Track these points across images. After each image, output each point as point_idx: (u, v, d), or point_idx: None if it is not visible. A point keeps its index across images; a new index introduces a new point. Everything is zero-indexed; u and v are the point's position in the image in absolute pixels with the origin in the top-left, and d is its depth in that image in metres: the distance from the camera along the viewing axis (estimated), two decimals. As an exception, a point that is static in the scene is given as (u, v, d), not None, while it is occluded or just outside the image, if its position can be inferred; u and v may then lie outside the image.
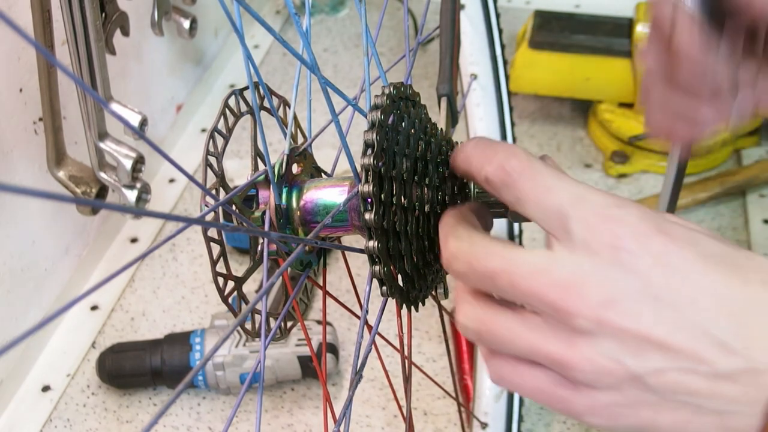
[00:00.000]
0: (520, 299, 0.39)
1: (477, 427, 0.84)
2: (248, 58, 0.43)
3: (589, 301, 0.36)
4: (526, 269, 0.38)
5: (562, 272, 0.37)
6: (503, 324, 0.39)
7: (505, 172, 0.40)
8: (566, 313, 0.37)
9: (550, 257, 0.38)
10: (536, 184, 0.39)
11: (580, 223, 0.37)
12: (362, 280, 1.01)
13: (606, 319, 0.36)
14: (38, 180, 0.94)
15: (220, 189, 0.48)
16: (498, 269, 0.38)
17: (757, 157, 1.21)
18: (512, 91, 1.25)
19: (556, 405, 0.39)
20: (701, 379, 0.37)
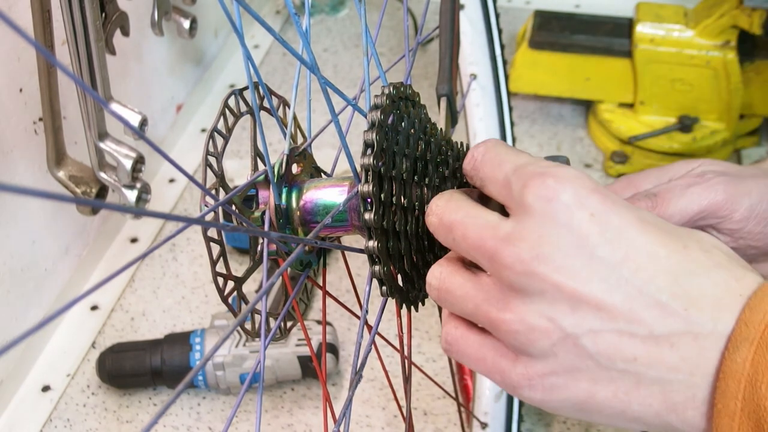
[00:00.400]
0: (470, 252, 0.39)
1: (477, 427, 0.84)
2: (248, 58, 0.43)
3: (521, 253, 0.36)
4: (479, 223, 0.39)
5: (507, 227, 0.38)
6: (459, 283, 0.40)
7: (473, 159, 0.42)
8: (500, 265, 0.37)
9: (502, 218, 0.39)
10: (492, 162, 0.41)
11: (519, 184, 0.38)
12: (362, 280, 1.01)
13: (537, 272, 0.36)
14: (38, 180, 0.94)
15: (220, 189, 0.48)
16: (457, 221, 0.40)
17: (757, 157, 1.21)
18: (512, 91, 1.25)
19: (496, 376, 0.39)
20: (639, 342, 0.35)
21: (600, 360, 0.36)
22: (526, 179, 0.38)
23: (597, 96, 1.24)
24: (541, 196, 0.37)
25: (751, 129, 1.22)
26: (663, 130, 1.19)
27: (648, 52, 1.17)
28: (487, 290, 0.39)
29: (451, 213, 0.40)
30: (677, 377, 0.35)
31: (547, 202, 0.37)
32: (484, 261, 0.38)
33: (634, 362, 0.36)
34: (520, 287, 0.37)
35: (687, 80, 1.17)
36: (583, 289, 0.36)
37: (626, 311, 0.35)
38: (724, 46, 1.14)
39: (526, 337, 0.37)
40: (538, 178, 0.37)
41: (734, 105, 1.16)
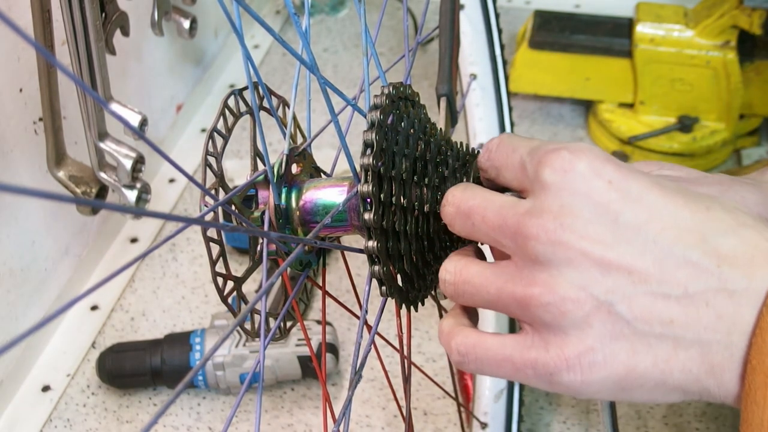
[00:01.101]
0: (490, 234, 0.39)
1: (477, 427, 0.84)
2: (247, 59, 0.43)
3: (545, 223, 0.36)
4: (497, 204, 0.39)
5: (526, 204, 0.38)
6: (477, 271, 0.40)
7: (488, 150, 0.42)
8: (524, 237, 0.37)
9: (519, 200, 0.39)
10: (505, 150, 0.41)
11: (534, 163, 0.38)
12: (362, 280, 1.01)
13: (563, 241, 0.36)
14: (38, 180, 0.94)
15: (220, 189, 0.48)
16: (475, 205, 0.40)
17: (757, 157, 1.21)
18: (512, 91, 1.25)
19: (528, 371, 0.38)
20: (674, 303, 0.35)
21: (637, 326, 0.35)
22: (540, 157, 0.38)
23: (597, 96, 1.24)
24: (557, 168, 0.37)
25: (751, 129, 1.22)
26: (663, 130, 1.19)
27: (648, 52, 1.17)
28: (509, 272, 0.38)
29: (468, 200, 0.41)
30: (715, 337, 0.35)
31: (563, 174, 0.36)
32: (507, 239, 0.38)
33: (671, 324, 0.35)
34: (546, 259, 0.36)
35: (687, 80, 1.17)
36: (610, 254, 0.35)
37: (657, 272, 0.35)
38: (724, 46, 1.14)
39: (558, 309, 0.36)
40: (553, 152, 0.37)
41: (734, 105, 1.16)
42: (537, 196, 0.38)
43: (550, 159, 0.37)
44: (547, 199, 0.37)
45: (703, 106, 1.18)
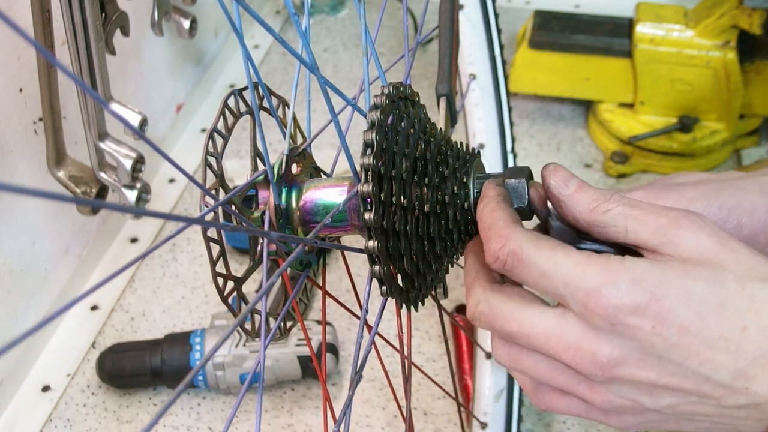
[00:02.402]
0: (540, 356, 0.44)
1: (477, 427, 0.84)
2: (247, 59, 0.43)
3: (599, 364, 0.42)
4: (540, 332, 0.43)
5: (572, 338, 0.42)
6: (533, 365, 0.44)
7: (501, 263, 0.44)
8: (582, 372, 0.42)
9: (560, 321, 0.43)
10: (531, 273, 0.43)
11: (578, 306, 0.42)
12: (362, 280, 1.01)
13: (617, 374, 0.42)
14: (38, 180, 0.94)
15: (220, 189, 0.48)
16: (515, 332, 0.44)
17: (757, 157, 1.21)
18: (512, 91, 1.25)
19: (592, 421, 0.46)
20: (711, 407, 0.42)
21: (681, 415, 0.43)
22: (583, 302, 0.41)
23: (597, 96, 1.24)
24: (605, 319, 0.41)
25: (751, 129, 1.22)
26: (663, 130, 1.19)
27: (648, 52, 1.17)
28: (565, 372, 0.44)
29: (503, 324, 0.44)
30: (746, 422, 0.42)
31: (611, 325, 0.41)
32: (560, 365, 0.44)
33: (708, 417, 0.43)
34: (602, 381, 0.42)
35: (687, 80, 1.17)
36: (658, 381, 0.42)
37: (696, 391, 0.42)
38: (724, 46, 1.14)
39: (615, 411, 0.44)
40: (596, 302, 0.41)
41: (734, 105, 1.16)
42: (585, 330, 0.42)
43: (595, 309, 0.41)
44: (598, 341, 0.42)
45: (703, 106, 1.18)
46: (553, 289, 0.42)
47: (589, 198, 0.45)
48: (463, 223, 0.48)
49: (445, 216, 0.47)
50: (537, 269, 0.43)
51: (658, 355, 0.41)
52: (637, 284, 0.41)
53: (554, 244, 0.43)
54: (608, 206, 0.44)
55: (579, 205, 0.45)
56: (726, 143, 1.19)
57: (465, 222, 0.48)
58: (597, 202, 0.44)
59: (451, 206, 0.47)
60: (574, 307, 0.42)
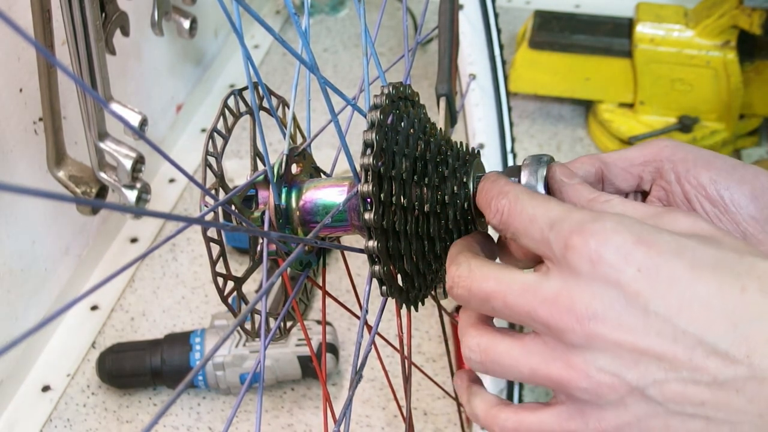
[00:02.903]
0: (515, 319, 0.39)
1: (476, 427, 0.84)
2: (247, 59, 0.43)
3: (576, 316, 0.37)
4: (517, 288, 0.39)
5: (550, 289, 0.38)
6: (504, 351, 0.40)
7: (499, 214, 0.42)
8: (557, 330, 0.37)
9: (539, 277, 0.39)
10: (522, 218, 0.40)
11: (559, 244, 0.38)
12: (362, 280, 1.01)
13: (595, 332, 0.36)
14: (38, 180, 0.94)
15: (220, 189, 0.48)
16: (492, 291, 0.40)
17: (757, 157, 1.21)
18: (512, 91, 1.25)
19: None
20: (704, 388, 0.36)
21: (669, 406, 0.37)
22: (565, 238, 0.38)
23: (597, 96, 1.24)
24: (585, 257, 0.37)
25: (751, 129, 1.22)
26: (663, 130, 1.19)
27: (648, 52, 1.17)
28: (539, 351, 0.39)
29: (480, 283, 0.40)
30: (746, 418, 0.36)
31: (592, 265, 0.37)
32: (537, 325, 0.38)
33: (702, 406, 0.36)
34: (580, 346, 0.37)
35: (687, 80, 1.17)
36: (642, 343, 0.36)
37: (687, 361, 0.36)
38: (724, 46, 1.14)
39: (594, 393, 0.37)
40: (578, 237, 0.37)
41: (734, 105, 1.16)
42: (565, 279, 0.38)
43: (576, 244, 0.37)
44: (576, 288, 0.37)
45: (703, 106, 1.18)
46: (539, 231, 0.39)
47: (588, 191, 0.44)
48: (463, 223, 0.48)
49: (445, 216, 0.47)
50: (527, 214, 0.40)
51: (643, 307, 0.36)
52: (624, 225, 0.37)
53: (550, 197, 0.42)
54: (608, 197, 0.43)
55: (580, 193, 0.44)
56: (726, 143, 1.19)
57: (465, 222, 0.48)
58: (596, 194, 0.43)
59: (451, 206, 0.47)
60: (555, 248, 0.38)
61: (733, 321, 0.35)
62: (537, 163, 0.46)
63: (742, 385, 0.35)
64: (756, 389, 0.35)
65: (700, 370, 0.36)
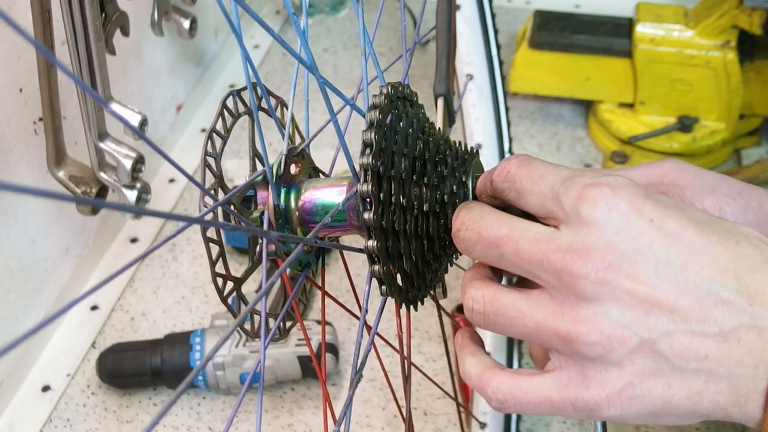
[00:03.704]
0: (524, 267, 0.39)
1: (476, 427, 0.84)
2: (246, 59, 0.43)
3: (593, 263, 0.37)
4: (531, 236, 0.39)
5: (565, 239, 0.38)
6: (510, 303, 0.40)
7: (505, 172, 0.42)
8: (571, 276, 0.37)
9: (552, 230, 0.39)
10: (531, 175, 0.41)
11: (572, 197, 0.38)
12: (362, 280, 1.01)
13: (610, 280, 0.37)
14: (38, 180, 0.94)
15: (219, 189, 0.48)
16: (505, 235, 0.40)
17: (757, 157, 1.21)
18: (512, 91, 1.26)
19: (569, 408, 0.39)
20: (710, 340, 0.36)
21: (675, 362, 0.37)
22: (579, 190, 0.38)
23: (597, 96, 1.24)
24: (600, 206, 0.37)
25: (751, 129, 1.22)
26: (663, 130, 1.19)
27: (648, 52, 1.17)
28: (546, 305, 0.39)
29: (492, 227, 0.40)
30: (743, 371, 0.37)
31: (607, 212, 0.37)
32: (547, 274, 0.38)
33: (705, 360, 0.37)
34: (592, 296, 0.37)
35: (687, 80, 1.17)
36: (655, 293, 0.36)
37: (697, 311, 0.36)
38: (724, 46, 1.14)
39: (603, 348, 0.37)
40: (593, 188, 0.38)
41: (734, 105, 1.16)
42: (577, 231, 0.38)
43: (591, 194, 0.38)
44: (590, 237, 0.37)
45: (703, 106, 1.18)
46: (549, 189, 0.39)
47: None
48: (462, 223, 0.48)
49: (445, 215, 0.47)
50: (538, 170, 0.40)
51: (655, 257, 0.37)
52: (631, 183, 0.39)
53: None
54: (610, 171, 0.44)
55: None
56: (726, 143, 1.19)
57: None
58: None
59: (450, 206, 0.47)
60: (566, 203, 0.38)
61: (735, 270, 0.37)
62: None
63: (744, 334, 0.36)
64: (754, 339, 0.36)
65: (707, 320, 0.36)
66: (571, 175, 0.39)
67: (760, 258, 0.37)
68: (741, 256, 0.37)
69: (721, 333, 0.36)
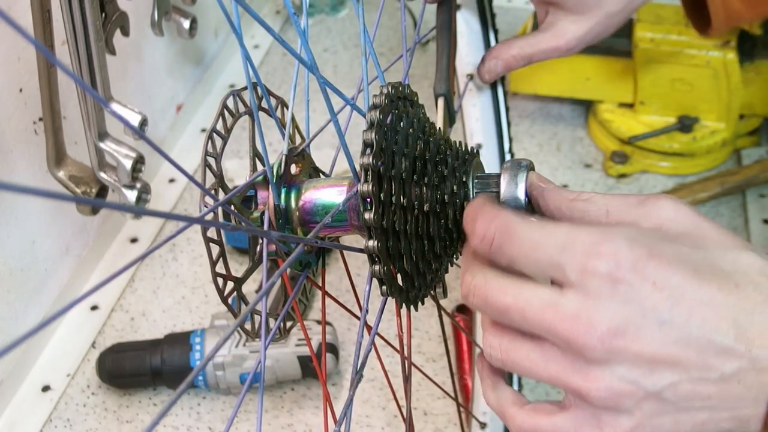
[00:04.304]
0: (535, 331, 0.41)
1: (476, 427, 0.84)
2: (246, 59, 0.43)
3: (598, 333, 0.39)
4: (536, 303, 0.40)
5: (570, 306, 0.39)
6: (525, 355, 0.42)
7: (491, 241, 0.42)
8: (578, 345, 0.39)
9: (558, 294, 0.40)
10: (521, 243, 0.41)
11: (576, 269, 0.39)
12: (362, 280, 1.01)
13: (616, 347, 0.39)
14: (38, 180, 0.94)
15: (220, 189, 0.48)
16: (510, 304, 0.41)
17: (757, 157, 1.21)
18: (512, 91, 1.25)
19: None
20: (712, 384, 0.39)
21: (680, 404, 0.40)
22: (581, 263, 0.39)
23: (597, 96, 1.24)
24: (606, 280, 0.39)
25: (751, 129, 1.22)
26: (663, 130, 1.19)
27: (648, 52, 1.17)
28: (558, 360, 0.41)
29: (497, 296, 0.41)
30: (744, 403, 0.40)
31: (613, 285, 0.39)
32: (557, 339, 0.40)
33: (708, 399, 0.40)
34: (599, 360, 0.39)
35: (687, 80, 1.17)
36: (659, 352, 0.39)
37: (699, 361, 0.39)
38: (724, 46, 1.14)
39: (613, 401, 0.40)
40: (595, 260, 0.39)
41: (734, 105, 1.16)
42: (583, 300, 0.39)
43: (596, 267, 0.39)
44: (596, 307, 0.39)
45: (703, 106, 1.18)
46: (547, 258, 0.40)
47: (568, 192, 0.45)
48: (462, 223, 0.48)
49: (445, 215, 0.47)
50: (528, 240, 0.41)
51: (659, 318, 0.39)
52: (634, 241, 0.39)
53: (541, 218, 0.43)
54: (589, 195, 0.44)
55: (561, 195, 0.45)
56: (726, 143, 1.19)
57: (465, 222, 0.48)
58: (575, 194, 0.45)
59: (450, 205, 0.47)
60: (570, 274, 0.39)
61: (734, 317, 0.39)
62: (517, 168, 0.46)
63: (744, 375, 0.39)
64: (754, 378, 0.39)
65: (709, 368, 0.39)
66: (570, 241, 0.40)
67: (760, 297, 0.39)
68: (740, 299, 0.39)
69: (722, 378, 0.39)
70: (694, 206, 1.13)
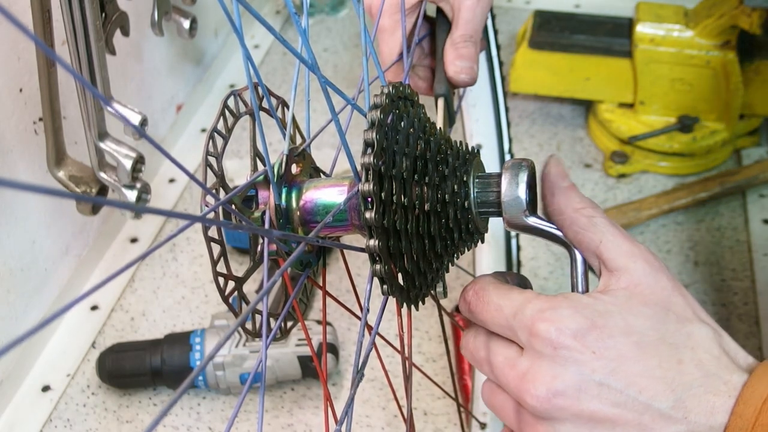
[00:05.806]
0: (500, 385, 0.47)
1: (476, 427, 0.84)
2: (247, 59, 0.43)
3: (539, 393, 0.43)
4: (501, 360, 0.46)
5: (522, 366, 0.44)
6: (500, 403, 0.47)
7: (467, 303, 0.48)
8: (525, 402, 0.44)
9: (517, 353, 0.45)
10: (488, 309, 0.47)
11: (524, 332, 0.44)
12: (362, 280, 1.01)
13: (557, 406, 0.43)
14: (38, 180, 0.94)
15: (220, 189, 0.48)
16: (483, 358, 0.47)
17: (757, 157, 1.21)
18: (512, 91, 1.26)
19: None
20: None
21: None
22: (529, 327, 0.44)
23: (597, 96, 1.24)
24: (547, 343, 0.43)
25: (751, 129, 1.22)
26: (663, 130, 1.19)
27: (648, 52, 1.17)
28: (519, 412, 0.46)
29: (475, 351, 0.48)
30: None
31: (554, 349, 0.43)
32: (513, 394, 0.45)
33: None
34: (543, 417, 0.43)
35: (687, 80, 1.17)
36: (599, 412, 0.42)
37: (637, 423, 0.42)
38: (724, 46, 1.14)
39: None
40: (540, 324, 0.43)
41: (734, 105, 1.16)
42: (532, 360, 0.44)
43: (539, 332, 0.43)
44: (542, 368, 0.43)
45: (703, 106, 1.18)
46: (505, 321, 0.45)
47: (578, 198, 0.48)
48: (463, 222, 0.48)
49: (446, 215, 0.47)
50: (493, 304, 0.46)
51: (598, 382, 0.42)
52: (579, 311, 0.43)
53: (513, 286, 0.47)
54: (594, 213, 0.47)
55: (569, 200, 0.47)
56: (726, 143, 1.19)
57: (465, 221, 0.48)
58: (584, 204, 0.47)
59: (451, 205, 0.47)
60: (521, 337, 0.44)
61: (673, 388, 0.42)
62: (518, 168, 0.47)
63: None
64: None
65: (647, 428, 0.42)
66: (520, 309, 0.45)
67: (699, 373, 0.42)
68: (680, 374, 0.42)
69: None
70: (695, 206, 1.13)
